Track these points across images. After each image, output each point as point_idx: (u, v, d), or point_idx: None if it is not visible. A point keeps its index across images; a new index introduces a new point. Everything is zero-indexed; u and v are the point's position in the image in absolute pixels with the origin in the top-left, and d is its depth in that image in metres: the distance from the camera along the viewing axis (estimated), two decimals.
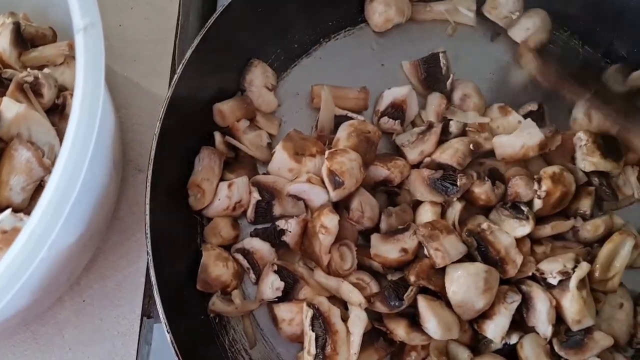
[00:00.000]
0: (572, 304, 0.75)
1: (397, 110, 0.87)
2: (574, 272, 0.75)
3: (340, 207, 0.83)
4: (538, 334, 0.77)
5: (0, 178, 0.66)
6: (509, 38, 0.93)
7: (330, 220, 0.78)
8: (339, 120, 0.87)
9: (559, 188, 0.79)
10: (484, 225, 0.78)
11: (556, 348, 0.76)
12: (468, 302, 0.74)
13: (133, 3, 0.92)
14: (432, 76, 0.90)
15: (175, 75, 0.78)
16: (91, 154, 0.63)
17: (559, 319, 0.77)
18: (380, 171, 0.83)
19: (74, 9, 0.57)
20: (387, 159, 0.85)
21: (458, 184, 0.79)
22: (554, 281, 0.75)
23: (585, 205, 0.82)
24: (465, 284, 0.74)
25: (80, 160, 0.55)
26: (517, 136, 0.82)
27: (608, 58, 0.93)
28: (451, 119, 0.87)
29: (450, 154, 0.82)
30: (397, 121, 0.87)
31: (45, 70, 0.78)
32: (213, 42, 0.81)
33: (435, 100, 0.89)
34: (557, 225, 0.80)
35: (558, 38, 0.94)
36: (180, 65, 0.78)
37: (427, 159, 0.84)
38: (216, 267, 0.79)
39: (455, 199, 0.80)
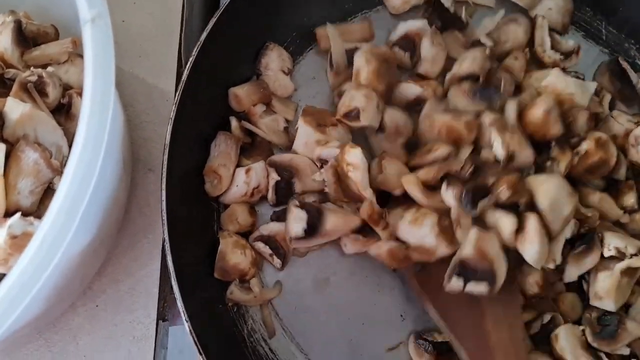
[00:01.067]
0: (606, 281, 0.73)
1: (409, 43, 0.84)
2: (630, 258, 0.72)
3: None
4: (573, 324, 0.75)
5: (8, 181, 0.63)
6: (530, 19, 0.89)
7: (353, 156, 0.75)
8: (351, 55, 0.84)
9: (599, 153, 0.76)
10: None
11: (590, 339, 0.74)
12: (556, 207, 0.70)
13: None
14: (446, 19, 0.87)
15: (190, 58, 0.75)
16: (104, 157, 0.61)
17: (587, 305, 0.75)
18: (413, 89, 0.81)
19: (80, 0, 0.54)
20: (420, 77, 0.83)
21: (502, 89, 0.77)
22: (607, 253, 0.73)
23: (629, 200, 0.79)
24: (552, 186, 0.71)
25: (92, 162, 0.52)
26: (575, 83, 0.80)
27: (632, 39, 0.89)
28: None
29: (469, 62, 0.80)
30: (407, 53, 0.84)
31: (49, 68, 0.74)
32: (225, 29, 0.78)
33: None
34: (604, 204, 0.78)
35: (580, 18, 0.91)
36: (194, 51, 0.76)
37: (449, 75, 0.82)
38: (234, 254, 0.77)
39: (499, 105, 0.77)
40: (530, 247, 0.69)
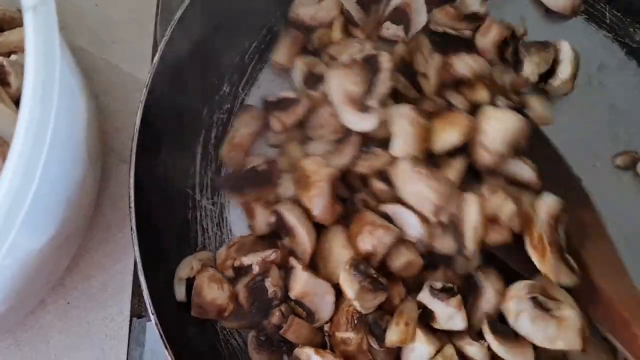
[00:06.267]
0: None
1: (400, 15, 0.79)
2: None
3: None
4: None
5: None
6: None
7: None
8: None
9: None
10: None
11: None
12: None
13: None
14: None
15: (164, 39, 0.72)
16: (59, 148, 0.57)
17: None
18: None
19: None
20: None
21: None
22: None
23: None
24: None
25: (33, 158, 0.49)
26: None
27: (638, 23, 0.83)
28: None
29: None
30: (400, 26, 0.79)
31: (13, 56, 0.71)
32: (202, 8, 0.74)
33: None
34: None
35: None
36: (167, 31, 0.72)
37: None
38: (210, 289, 0.72)
39: None
40: None
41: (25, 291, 0.66)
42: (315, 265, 0.73)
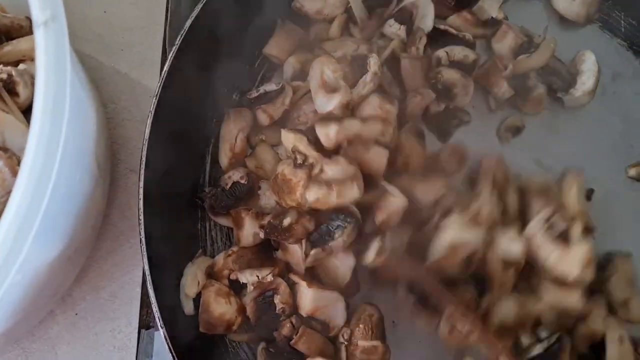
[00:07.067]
0: None
1: (405, 15, 0.78)
2: None
3: None
4: None
5: None
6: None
7: None
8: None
9: None
10: None
11: None
12: None
13: None
14: None
15: (174, 47, 0.70)
16: (69, 161, 0.57)
17: None
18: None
19: (32, 1, 0.50)
20: None
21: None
22: None
23: None
24: None
25: (44, 174, 0.48)
26: None
27: None
28: None
29: None
30: (402, 26, 0.78)
31: (21, 66, 0.70)
32: (213, 15, 0.73)
33: None
34: None
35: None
36: (177, 39, 0.71)
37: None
38: (218, 304, 0.70)
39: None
40: None
41: (33, 304, 0.65)
42: (314, 273, 0.72)
